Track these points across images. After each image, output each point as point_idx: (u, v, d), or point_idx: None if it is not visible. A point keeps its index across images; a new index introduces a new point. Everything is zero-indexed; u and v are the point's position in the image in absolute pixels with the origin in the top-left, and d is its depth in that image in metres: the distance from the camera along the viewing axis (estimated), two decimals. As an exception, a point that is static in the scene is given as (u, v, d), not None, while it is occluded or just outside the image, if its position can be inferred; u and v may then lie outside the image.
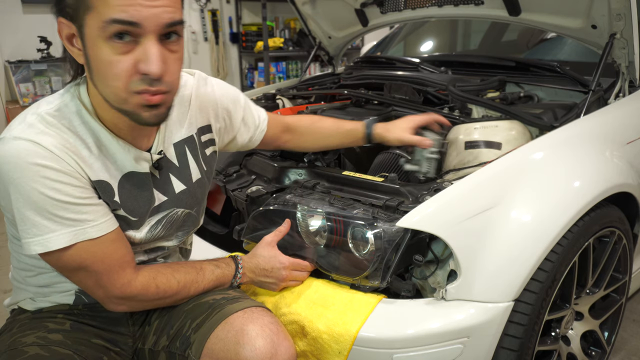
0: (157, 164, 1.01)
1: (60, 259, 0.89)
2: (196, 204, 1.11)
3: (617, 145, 1.42)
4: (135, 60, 0.80)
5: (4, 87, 4.13)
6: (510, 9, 1.75)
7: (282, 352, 0.94)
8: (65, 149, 0.86)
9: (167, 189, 1.03)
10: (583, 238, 1.24)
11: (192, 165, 1.08)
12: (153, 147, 0.99)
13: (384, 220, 1.12)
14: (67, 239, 0.87)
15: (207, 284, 1.06)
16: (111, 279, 0.93)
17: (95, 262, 0.90)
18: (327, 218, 1.17)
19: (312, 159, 1.53)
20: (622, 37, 1.48)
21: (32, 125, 0.85)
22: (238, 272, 1.12)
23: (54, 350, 0.93)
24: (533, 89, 1.74)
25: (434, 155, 1.36)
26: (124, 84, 0.81)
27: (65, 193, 0.85)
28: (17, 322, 1.03)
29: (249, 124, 1.23)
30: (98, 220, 0.90)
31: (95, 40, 0.79)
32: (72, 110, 0.89)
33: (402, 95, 1.79)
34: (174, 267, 1.03)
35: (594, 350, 1.53)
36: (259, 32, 5.27)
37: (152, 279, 0.98)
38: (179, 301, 1.05)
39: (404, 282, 1.14)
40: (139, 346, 1.10)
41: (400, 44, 2.80)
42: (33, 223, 0.85)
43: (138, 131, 0.95)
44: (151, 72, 0.80)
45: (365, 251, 1.11)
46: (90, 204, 0.89)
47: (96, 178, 0.91)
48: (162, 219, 1.04)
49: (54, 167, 0.84)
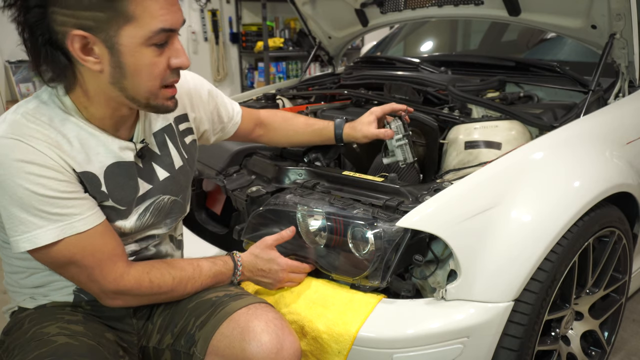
0: (141, 153, 1.03)
1: (49, 255, 0.90)
2: (181, 191, 1.13)
3: (616, 145, 1.42)
4: (168, 57, 0.90)
5: (4, 87, 4.12)
6: (510, 9, 1.75)
7: (287, 347, 0.96)
8: (47, 144, 0.87)
9: (151, 177, 1.05)
10: (583, 238, 1.24)
11: (174, 153, 1.10)
12: (134, 137, 1.02)
13: (384, 220, 1.12)
14: (54, 234, 0.88)
15: (204, 280, 1.07)
16: (103, 273, 0.93)
17: (85, 257, 0.91)
18: (327, 218, 1.17)
19: (312, 158, 1.53)
20: (622, 37, 1.48)
21: (13, 123, 0.87)
22: (237, 269, 1.12)
23: (81, 340, 0.93)
24: (533, 89, 1.74)
25: (402, 141, 1.36)
26: (160, 81, 0.91)
27: (50, 188, 0.86)
28: (24, 319, 1.02)
29: (222, 115, 1.29)
30: (85, 213, 0.91)
31: (136, 47, 0.86)
32: (51, 107, 0.91)
33: (402, 95, 1.79)
34: (169, 263, 1.04)
35: (593, 350, 1.53)
36: (259, 32, 5.27)
37: (145, 273, 0.99)
38: (177, 298, 1.06)
39: (404, 282, 1.15)
40: (143, 344, 1.10)
41: (400, 44, 2.80)
42: (20, 220, 0.86)
43: (121, 123, 0.99)
44: (184, 65, 0.92)
45: (365, 251, 1.11)
46: (75, 198, 0.90)
47: (81, 170, 0.92)
48: (149, 207, 1.05)
49: (37, 162, 0.85)
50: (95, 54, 0.86)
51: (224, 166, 1.61)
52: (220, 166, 1.61)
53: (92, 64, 0.86)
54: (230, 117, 1.32)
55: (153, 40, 0.86)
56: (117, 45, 0.85)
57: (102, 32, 0.83)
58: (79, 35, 0.83)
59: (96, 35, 0.84)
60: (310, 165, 1.46)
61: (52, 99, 0.92)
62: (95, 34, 0.83)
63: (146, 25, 0.84)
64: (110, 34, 0.84)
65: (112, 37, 0.84)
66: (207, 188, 1.73)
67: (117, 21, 0.83)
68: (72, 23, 0.82)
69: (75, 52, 0.85)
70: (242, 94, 2.38)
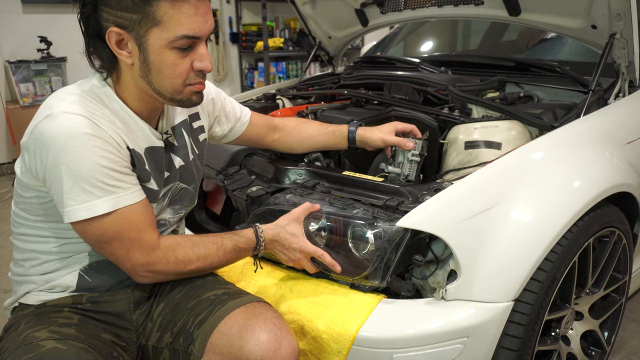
0: (165, 142, 1.13)
1: (99, 227, 0.96)
2: (192, 182, 1.22)
3: (617, 145, 1.42)
4: (191, 60, 0.99)
5: (4, 87, 4.12)
6: (510, 9, 1.75)
7: (285, 346, 0.97)
8: (107, 122, 0.98)
9: (170, 165, 1.15)
10: (583, 238, 1.24)
11: (189, 146, 1.20)
12: (159, 128, 1.12)
13: (384, 220, 1.12)
14: (110, 205, 0.95)
15: (228, 256, 1.10)
16: (141, 246, 1.00)
17: (130, 229, 0.98)
18: (327, 218, 1.17)
19: (312, 158, 1.53)
20: (622, 37, 1.48)
21: (75, 101, 0.96)
22: (259, 245, 1.12)
23: (70, 344, 0.95)
24: (533, 89, 1.74)
25: (416, 158, 1.37)
26: (182, 80, 1.00)
27: (112, 160, 0.96)
28: (22, 319, 1.04)
29: (229, 115, 1.37)
30: (133, 188, 1.00)
31: (161, 48, 0.96)
32: (102, 90, 1.02)
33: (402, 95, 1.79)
34: (194, 241, 1.07)
35: (593, 350, 1.53)
36: (259, 32, 5.27)
37: (171, 250, 1.04)
38: (202, 272, 1.10)
39: (404, 282, 1.15)
40: (142, 342, 1.11)
41: (400, 44, 2.80)
42: (82, 189, 0.93)
43: (153, 115, 1.10)
44: (206, 69, 1.01)
45: (365, 251, 1.11)
46: (127, 173, 1.00)
47: (132, 147, 1.03)
48: (167, 192, 1.15)
49: (101, 137, 0.95)
50: (128, 49, 0.97)
51: (224, 166, 1.61)
52: (220, 166, 1.61)
53: (125, 57, 0.97)
54: (238, 117, 1.38)
55: (176, 44, 0.96)
56: (145, 44, 0.96)
57: (134, 31, 0.94)
58: (116, 32, 0.95)
59: (129, 33, 0.95)
60: (310, 165, 1.46)
61: (102, 83, 1.02)
62: (129, 32, 0.95)
63: (171, 30, 0.94)
64: (141, 33, 0.95)
65: (141, 37, 0.95)
66: (207, 188, 1.73)
67: (147, 23, 0.93)
68: (112, 20, 0.94)
69: (112, 45, 0.96)
70: (242, 94, 2.38)
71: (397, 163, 1.40)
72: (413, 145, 1.37)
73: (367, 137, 1.42)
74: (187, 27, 0.95)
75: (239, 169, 1.59)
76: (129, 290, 1.12)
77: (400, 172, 1.38)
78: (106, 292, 1.10)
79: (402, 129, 1.42)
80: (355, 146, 1.45)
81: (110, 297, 1.10)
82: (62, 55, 4.08)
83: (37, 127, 0.93)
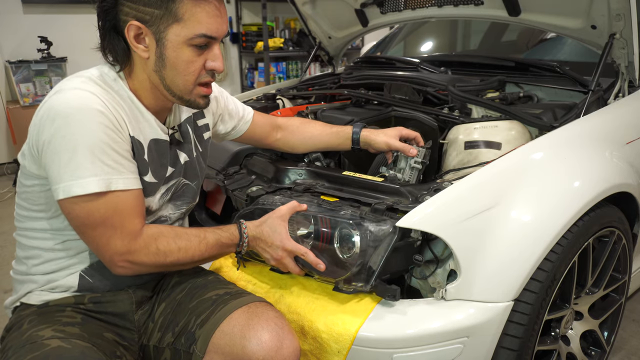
0: (172, 138, 1.14)
1: (88, 207, 0.95)
2: (195, 178, 1.23)
3: (616, 145, 1.42)
4: (205, 59, 1.02)
5: (4, 87, 4.13)
6: (510, 9, 1.75)
7: (287, 345, 0.97)
8: (113, 105, 0.99)
9: (175, 160, 1.15)
10: (583, 238, 1.24)
11: (193, 143, 1.22)
12: (166, 123, 1.14)
13: (370, 221, 1.11)
14: (104, 184, 0.94)
15: (210, 250, 1.07)
16: (122, 235, 0.97)
17: (115, 215, 0.97)
18: (313, 218, 1.16)
19: (312, 158, 1.53)
20: (621, 37, 1.48)
21: (85, 82, 0.98)
22: (242, 241, 1.11)
23: (74, 343, 0.95)
24: (533, 89, 1.74)
25: (417, 165, 1.37)
26: (195, 77, 1.03)
27: (113, 140, 0.96)
28: (25, 318, 1.04)
29: (232, 113, 1.39)
30: (129, 175, 1.00)
31: (179, 44, 0.99)
32: (111, 78, 1.04)
33: (402, 96, 1.79)
34: (177, 233, 1.05)
35: (593, 350, 1.53)
36: (259, 32, 5.27)
37: (153, 239, 1.01)
38: (183, 267, 1.08)
39: (388, 287, 1.09)
40: (144, 342, 1.11)
41: (400, 44, 2.80)
42: (78, 164, 0.92)
43: (162, 111, 1.12)
44: (217, 68, 1.04)
45: (350, 252, 1.10)
46: (126, 158, 1.00)
47: (132, 134, 1.03)
48: (170, 187, 1.15)
49: (107, 115, 0.96)
50: (145, 43, 1.00)
51: (224, 166, 1.61)
52: (220, 166, 1.61)
53: (142, 51, 1.00)
54: (241, 116, 1.40)
55: (194, 41, 0.99)
56: (164, 40, 0.98)
57: (154, 26, 0.97)
58: (136, 26, 0.97)
59: (149, 28, 0.98)
60: (310, 165, 1.46)
61: (112, 72, 1.04)
62: (149, 27, 0.98)
63: (191, 27, 0.97)
64: (160, 28, 0.97)
65: (161, 32, 0.98)
66: (207, 188, 1.73)
67: (168, 19, 0.97)
68: (132, 14, 0.97)
69: (129, 39, 0.99)
70: (242, 94, 2.38)
71: (398, 168, 1.41)
72: (417, 152, 1.37)
73: (372, 139, 1.42)
74: (206, 26, 0.98)
75: (239, 169, 1.59)
76: (131, 291, 1.12)
77: (401, 177, 1.38)
78: (108, 292, 1.10)
79: (407, 135, 1.42)
80: (358, 147, 1.45)
81: (113, 298, 1.10)
82: (62, 55, 4.08)
83: (46, 102, 0.95)
